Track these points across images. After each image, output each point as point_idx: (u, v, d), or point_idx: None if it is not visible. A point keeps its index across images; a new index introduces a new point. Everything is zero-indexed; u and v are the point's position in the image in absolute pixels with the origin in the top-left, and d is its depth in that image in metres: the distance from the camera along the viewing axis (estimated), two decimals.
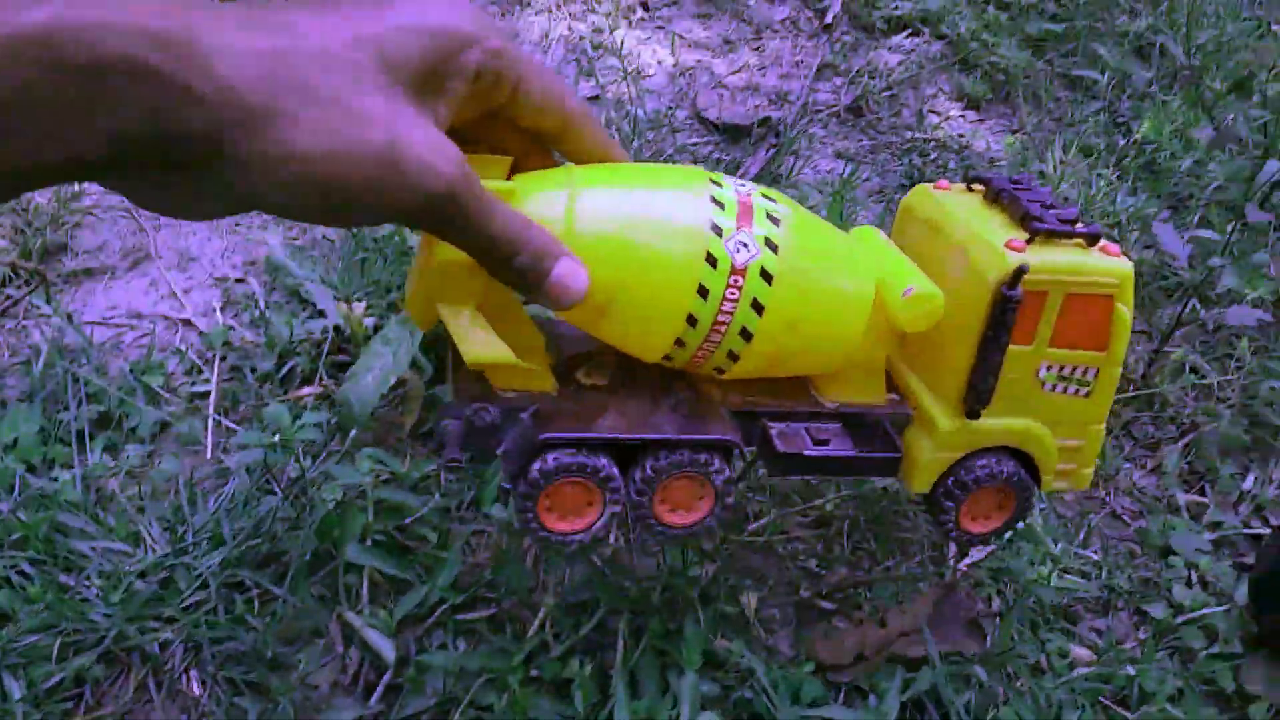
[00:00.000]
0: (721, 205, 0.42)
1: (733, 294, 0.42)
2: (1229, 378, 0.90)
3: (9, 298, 0.82)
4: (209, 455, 0.72)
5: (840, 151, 1.18)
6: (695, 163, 1.12)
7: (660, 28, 1.38)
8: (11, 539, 0.62)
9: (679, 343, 0.44)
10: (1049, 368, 0.47)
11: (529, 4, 1.37)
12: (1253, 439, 0.85)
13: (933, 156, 1.18)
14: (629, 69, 1.22)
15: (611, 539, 0.69)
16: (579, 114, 0.44)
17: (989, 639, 0.64)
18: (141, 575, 0.62)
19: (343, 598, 0.62)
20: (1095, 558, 0.73)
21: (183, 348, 0.80)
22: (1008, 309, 0.44)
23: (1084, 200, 1.07)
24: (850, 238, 0.49)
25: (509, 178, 0.43)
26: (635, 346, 0.45)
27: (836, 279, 0.45)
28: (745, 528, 0.70)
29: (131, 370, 0.76)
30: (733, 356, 0.45)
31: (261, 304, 0.84)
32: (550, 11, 1.36)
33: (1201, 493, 0.81)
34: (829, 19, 1.43)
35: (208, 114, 0.31)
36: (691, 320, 0.43)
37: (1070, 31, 1.44)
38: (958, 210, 0.49)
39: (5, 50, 0.27)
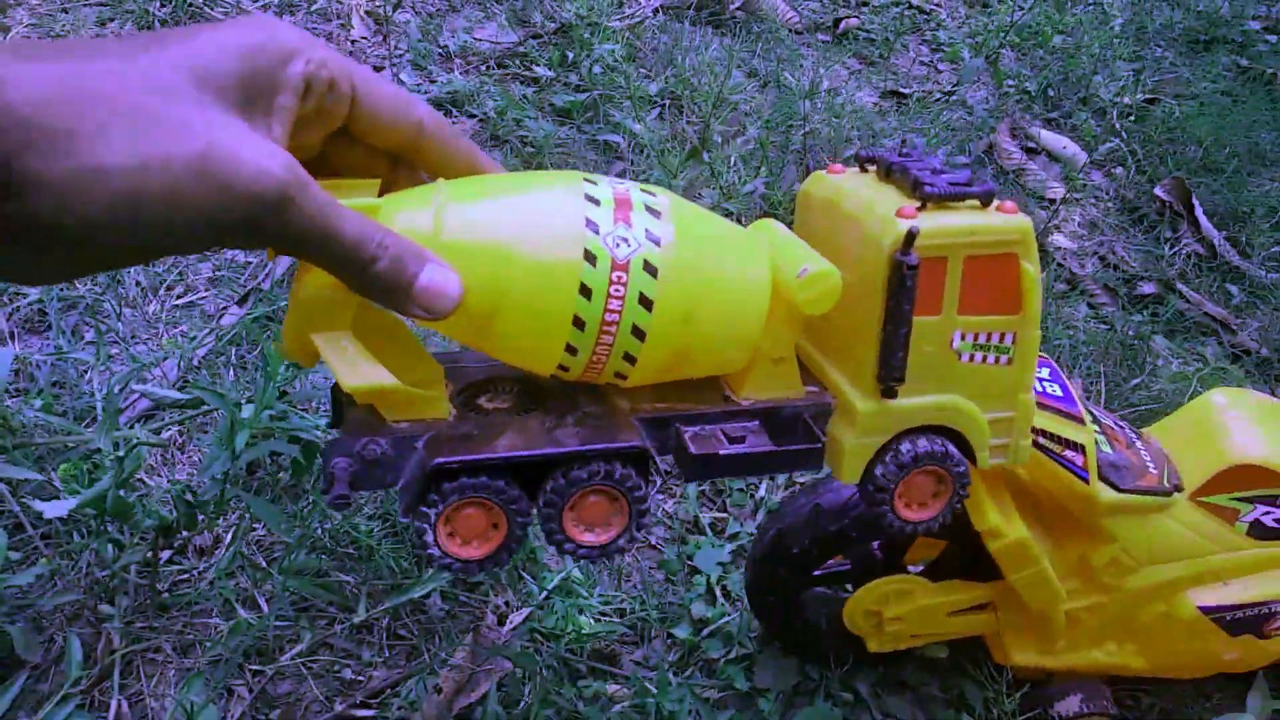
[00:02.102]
0: (597, 202, 0.41)
1: (617, 290, 0.41)
2: None
3: None
4: None
5: None
6: None
7: None
8: None
9: (570, 349, 0.42)
10: (963, 336, 0.47)
11: None
12: None
13: None
14: None
15: None
16: (431, 122, 0.42)
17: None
18: None
19: None
20: (629, 595, 0.78)
21: None
22: (906, 276, 0.44)
23: None
24: (744, 229, 0.48)
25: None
26: (528, 359, 0.43)
27: (728, 267, 0.44)
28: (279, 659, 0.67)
29: None
30: (629, 359, 0.43)
31: None
32: None
33: (723, 508, 0.90)
34: None
35: None
36: (579, 322, 0.41)
37: None
38: (852, 189, 0.48)
39: None
